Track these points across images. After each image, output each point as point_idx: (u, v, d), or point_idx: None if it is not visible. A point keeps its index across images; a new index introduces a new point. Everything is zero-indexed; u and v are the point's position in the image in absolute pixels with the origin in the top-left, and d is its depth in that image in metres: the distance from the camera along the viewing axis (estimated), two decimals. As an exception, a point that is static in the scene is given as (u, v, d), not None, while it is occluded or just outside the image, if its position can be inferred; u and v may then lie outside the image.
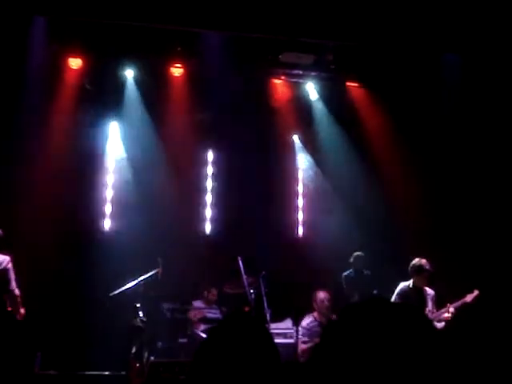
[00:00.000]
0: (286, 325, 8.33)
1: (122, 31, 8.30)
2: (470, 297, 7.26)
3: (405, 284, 7.28)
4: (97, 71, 8.95)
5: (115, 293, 7.37)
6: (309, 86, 9.75)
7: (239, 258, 7.28)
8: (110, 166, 9.48)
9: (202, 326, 8.20)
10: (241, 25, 8.08)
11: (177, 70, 9.23)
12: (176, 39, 8.68)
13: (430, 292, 7.28)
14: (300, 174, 10.21)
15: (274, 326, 7.62)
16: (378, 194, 9.32)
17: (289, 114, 9.73)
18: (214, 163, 9.93)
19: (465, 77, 8.89)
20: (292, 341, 8.22)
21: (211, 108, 9.36)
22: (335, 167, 9.77)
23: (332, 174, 9.78)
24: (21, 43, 8.25)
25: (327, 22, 8.04)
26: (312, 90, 9.76)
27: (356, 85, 9.70)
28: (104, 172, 9.41)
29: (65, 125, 8.88)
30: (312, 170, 10.05)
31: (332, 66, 9.23)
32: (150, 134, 9.28)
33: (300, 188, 10.21)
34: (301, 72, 9.51)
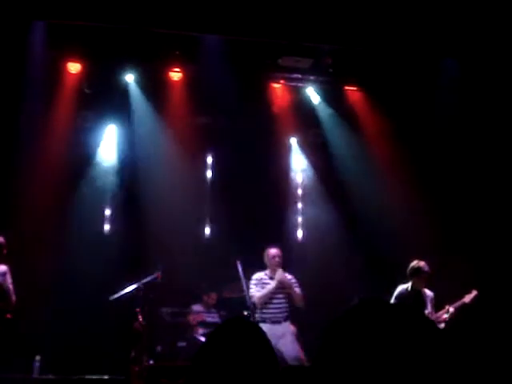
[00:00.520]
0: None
1: (121, 35, 8.31)
2: (468, 297, 7.27)
3: (403, 286, 7.28)
4: (95, 76, 8.96)
5: (115, 297, 7.37)
6: (309, 90, 9.77)
7: (238, 261, 7.27)
8: (109, 169, 9.48)
9: (201, 330, 8.20)
10: (239, 29, 8.09)
11: (175, 74, 9.24)
12: (174, 43, 8.68)
13: (429, 294, 7.28)
14: (299, 177, 10.22)
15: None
16: (377, 197, 9.34)
17: (288, 117, 9.75)
18: (214, 167, 9.94)
19: (463, 81, 8.92)
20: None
21: (210, 112, 9.38)
22: (334, 170, 9.79)
23: (331, 176, 9.79)
24: (20, 48, 8.26)
25: (326, 26, 8.05)
26: (312, 93, 9.78)
27: (354, 88, 9.72)
28: (103, 175, 9.41)
29: (64, 129, 8.89)
30: (310, 173, 10.06)
31: (330, 70, 9.24)
32: (148, 138, 9.29)
33: (299, 190, 10.21)
34: (299, 76, 9.52)
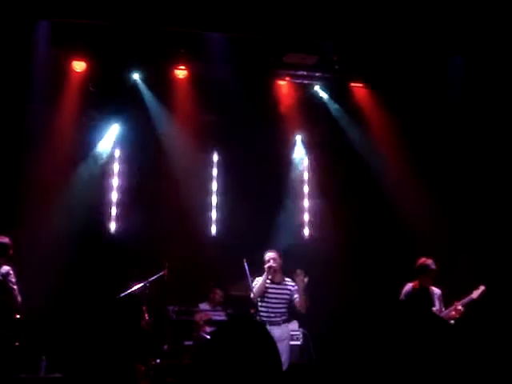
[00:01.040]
0: (293, 327, 8.31)
1: (126, 33, 8.29)
2: (476, 293, 7.20)
3: (410, 284, 7.24)
4: (101, 74, 8.95)
5: (121, 295, 7.36)
6: (314, 87, 9.73)
7: (245, 260, 7.25)
8: (115, 168, 9.48)
9: (207, 329, 8.17)
10: (244, 26, 8.07)
11: (181, 72, 9.22)
12: (180, 41, 8.66)
13: (437, 291, 7.23)
14: (305, 174, 10.18)
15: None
16: (383, 194, 9.31)
17: (294, 114, 9.70)
18: (219, 165, 9.91)
19: (470, 78, 8.86)
20: (299, 343, 8.20)
21: (215, 109, 9.35)
22: (340, 167, 9.75)
23: (336, 174, 9.75)
24: (25, 46, 8.26)
25: (331, 22, 8.01)
26: (318, 90, 9.74)
27: (360, 85, 9.67)
28: (108, 174, 9.41)
29: (69, 127, 8.89)
30: (316, 170, 10.02)
31: (336, 67, 9.20)
32: (154, 136, 9.28)
33: (306, 188, 10.18)
34: (305, 73, 9.48)
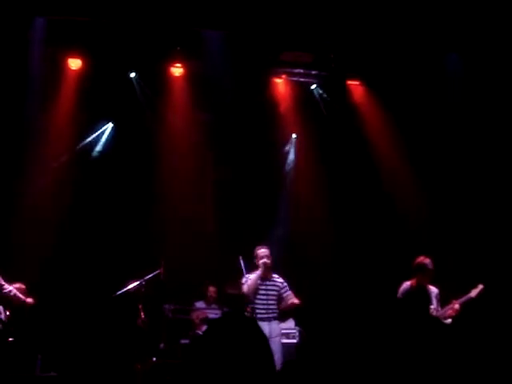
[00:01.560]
0: (289, 325, 8.31)
1: (122, 31, 8.28)
2: (474, 292, 7.18)
3: (407, 283, 7.23)
4: (96, 71, 8.92)
5: (117, 293, 7.35)
6: (311, 84, 9.72)
7: (241, 258, 7.23)
8: (110, 166, 9.44)
9: (204, 327, 8.16)
10: (241, 24, 8.05)
11: (177, 70, 9.20)
12: (176, 39, 8.65)
13: (434, 290, 7.22)
14: (301, 173, 10.17)
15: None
16: (380, 192, 9.30)
17: (290, 112, 9.69)
18: (216, 162, 9.89)
19: (467, 75, 8.86)
20: (295, 341, 8.20)
21: (211, 107, 9.33)
22: (336, 165, 9.74)
23: (333, 172, 9.73)
24: (20, 44, 8.23)
25: (328, 20, 8.00)
26: (314, 88, 9.73)
27: (357, 83, 9.67)
28: (104, 172, 9.37)
29: (64, 125, 8.86)
30: (312, 168, 10.01)
31: (332, 65, 9.19)
32: (150, 134, 9.25)
33: (302, 186, 10.16)
34: (301, 71, 9.48)
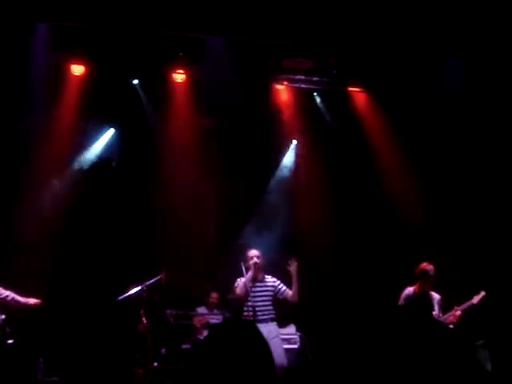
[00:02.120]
0: (290, 330, 8.31)
1: (124, 37, 8.31)
2: (476, 298, 7.19)
3: (410, 289, 7.25)
4: (99, 77, 8.95)
5: (119, 298, 7.36)
6: (312, 91, 9.75)
7: (242, 263, 7.25)
8: (112, 171, 9.47)
9: (205, 332, 8.18)
10: (242, 30, 8.08)
11: (179, 76, 9.23)
12: (178, 45, 8.68)
13: (436, 296, 7.23)
14: (302, 177, 10.19)
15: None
16: (381, 198, 9.31)
17: (291, 118, 9.72)
18: (218, 168, 9.90)
19: (467, 81, 8.88)
20: (296, 346, 8.21)
21: (213, 113, 9.36)
22: (338, 171, 9.76)
23: (334, 176, 9.75)
24: (23, 50, 8.26)
25: (329, 27, 8.03)
26: (316, 95, 9.77)
27: (358, 90, 9.69)
28: (106, 176, 9.41)
29: (67, 131, 8.89)
30: (313, 173, 10.03)
31: (334, 71, 9.22)
32: (152, 140, 9.28)
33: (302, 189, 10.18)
34: (303, 77, 9.50)
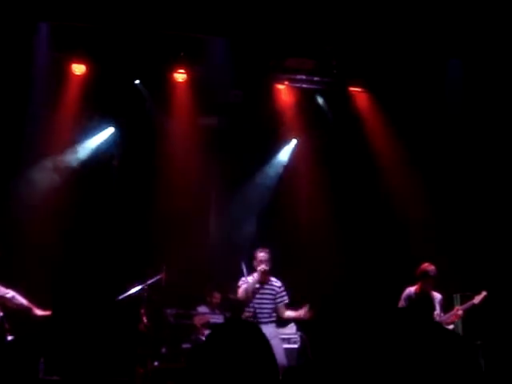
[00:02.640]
0: (290, 330, 8.31)
1: (126, 37, 8.32)
2: (477, 298, 7.20)
3: (411, 289, 7.26)
4: (100, 77, 8.95)
5: (120, 298, 7.37)
6: (313, 91, 9.76)
7: (243, 263, 7.26)
8: (114, 171, 9.48)
9: (206, 332, 8.17)
10: (244, 30, 8.09)
11: (180, 76, 9.23)
12: (179, 44, 8.68)
13: (437, 296, 7.24)
14: (302, 177, 10.19)
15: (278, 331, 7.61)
16: (381, 198, 9.32)
17: (292, 118, 9.72)
18: (218, 168, 9.91)
19: (469, 82, 8.88)
20: (296, 346, 8.21)
21: (214, 113, 9.36)
22: (338, 170, 9.77)
23: (335, 176, 9.75)
24: (25, 49, 8.27)
25: (330, 27, 8.03)
26: (317, 94, 9.77)
27: (359, 90, 9.69)
28: (108, 177, 9.42)
29: (68, 129, 8.90)
30: (314, 173, 10.03)
31: (335, 71, 9.22)
32: (153, 139, 9.29)
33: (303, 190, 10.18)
34: (304, 77, 9.51)
